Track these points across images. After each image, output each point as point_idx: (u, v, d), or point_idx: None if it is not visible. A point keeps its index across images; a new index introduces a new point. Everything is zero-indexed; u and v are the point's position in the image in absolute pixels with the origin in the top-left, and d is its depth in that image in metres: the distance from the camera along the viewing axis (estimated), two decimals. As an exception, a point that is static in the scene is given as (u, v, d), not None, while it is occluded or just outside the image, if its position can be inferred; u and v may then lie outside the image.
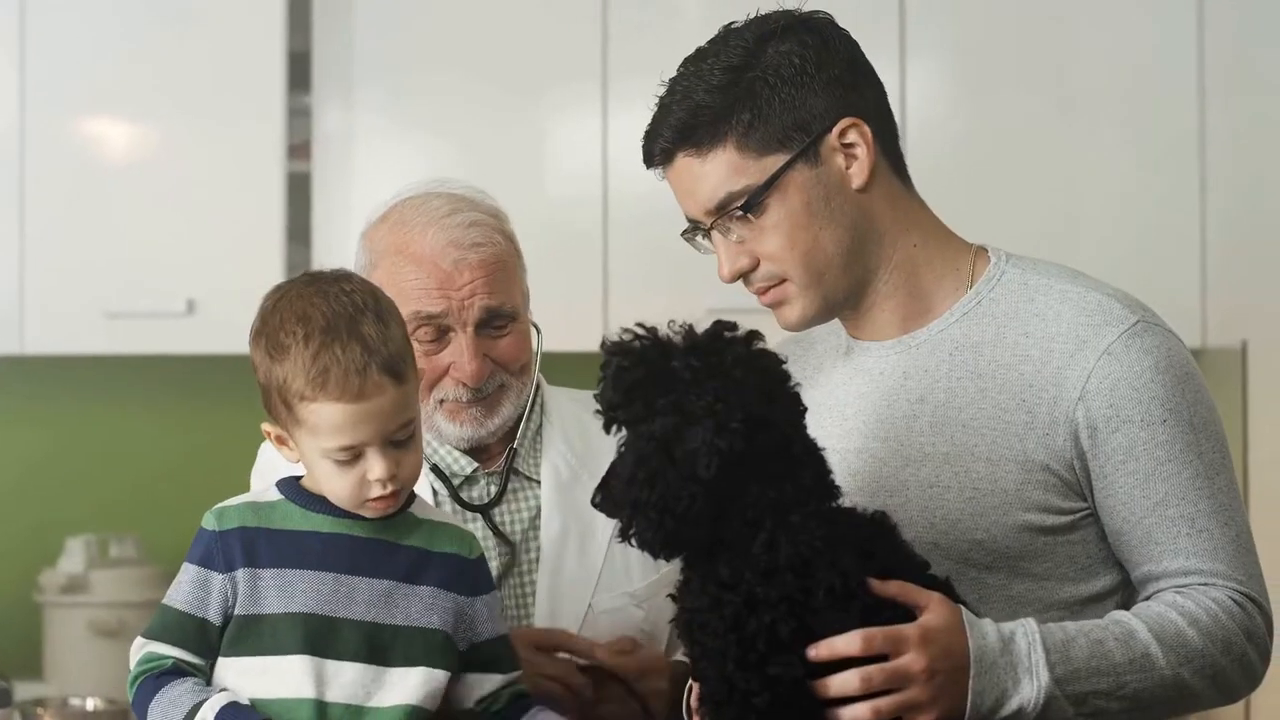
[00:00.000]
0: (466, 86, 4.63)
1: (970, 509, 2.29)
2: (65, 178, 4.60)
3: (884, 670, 2.07)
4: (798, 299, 2.36)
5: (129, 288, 4.55)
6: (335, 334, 2.23)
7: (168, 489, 4.73)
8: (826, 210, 2.33)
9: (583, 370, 2.95)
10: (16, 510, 4.95)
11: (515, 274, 2.67)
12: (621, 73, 4.55)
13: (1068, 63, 4.56)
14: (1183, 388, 2.27)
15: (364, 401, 2.22)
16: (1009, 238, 2.51)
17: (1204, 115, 4.48)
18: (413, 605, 2.29)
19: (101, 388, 5.01)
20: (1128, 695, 2.19)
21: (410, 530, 2.33)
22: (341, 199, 4.57)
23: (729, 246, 2.35)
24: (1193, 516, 2.25)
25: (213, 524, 2.28)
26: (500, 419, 2.64)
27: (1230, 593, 2.25)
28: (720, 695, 2.07)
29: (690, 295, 4.36)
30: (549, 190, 4.63)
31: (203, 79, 4.59)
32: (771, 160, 2.31)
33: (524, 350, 2.66)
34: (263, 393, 2.29)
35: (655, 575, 2.65)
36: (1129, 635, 2.21)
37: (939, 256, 2.40)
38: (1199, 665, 2.22)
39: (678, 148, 2.33)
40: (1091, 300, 2.32)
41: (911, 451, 2.34)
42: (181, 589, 2.27)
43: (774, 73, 2.31)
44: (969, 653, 2.11)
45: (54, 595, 4.71)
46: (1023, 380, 2.30)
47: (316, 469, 2.27)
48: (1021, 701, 2.13)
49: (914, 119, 4.46)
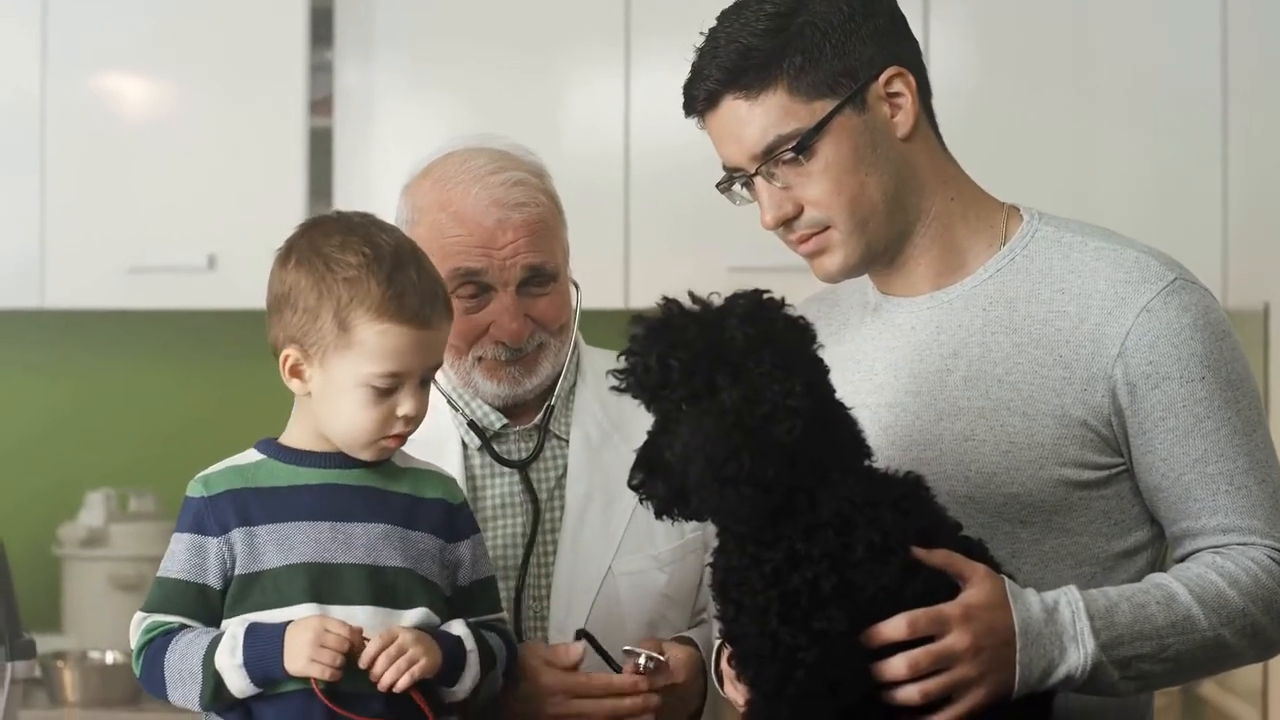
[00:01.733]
0: (488, 43, 4.63)
1: (1005, 463, 2.29)
2: (87, 134, 4.61)
3: (929, 653, 2.08)
4: (840, 247, 2.35)
5: (150, 243, 4.56)
6: (406, 262, 2.28)
7: (187, 443, 4.72)
8: (873, 157, 2.33)
9: (604, 327, 2.95)
10: (37, 464, 4.97)
11: (557, 233, 2.66)
12: (644, 31, 4.53)
13: (1090, 25, 4.55)
14: (1220, 345, 2.28)
15: (427, 330, 2.26)
16: (1031, 200, 2.51)
17: (1227, 77, 4.47)
18: (410, 548, 2.30)
19: (122, 342, 5.03)
20: (1170, 657, 2.20)
21: (396, 477, 2.34)
22: (363, 155, 4.58)
23: (773, 193, 2.33)
24: (1231, 473, 2.26)
25: (200, 491, 2.29)
26: (539, 378, 2.65)
27: (1269, 551, 2.26)
28: (765, 651, 2.06)
29: (711, 254, 4.40)
30: (570, 149, 4.62)
31: (224, 35, 4.59)
32: (821, 105, 2.30)
33: (564, 310, 2.66)
34: (296, 314, 2.27)
35: (680, 540, 2.66)
36: (1170, 598, 2.21)
37: (974, 212, 2.41)
38: (1240, 625, 2.23)
39: (726, 90, 2.31)
40: (1128, 257, 2.32)
41: (945, 406, 2.34)
42: (176, 558, 2.28)
43: (823, 18, 2.31)
44: (1014, 626, 2.12)
45: (74, 549, 4.74)
46: (1059, 336, 2.30)
47: (342, 400, 2.27)
48: (1069, 669, 2.14)
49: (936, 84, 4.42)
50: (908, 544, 2.10)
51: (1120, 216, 4.12)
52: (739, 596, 2.10)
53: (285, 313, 2.28)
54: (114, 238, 4.57)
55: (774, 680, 2.06)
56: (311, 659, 2.17)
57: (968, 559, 2.14)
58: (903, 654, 2.07)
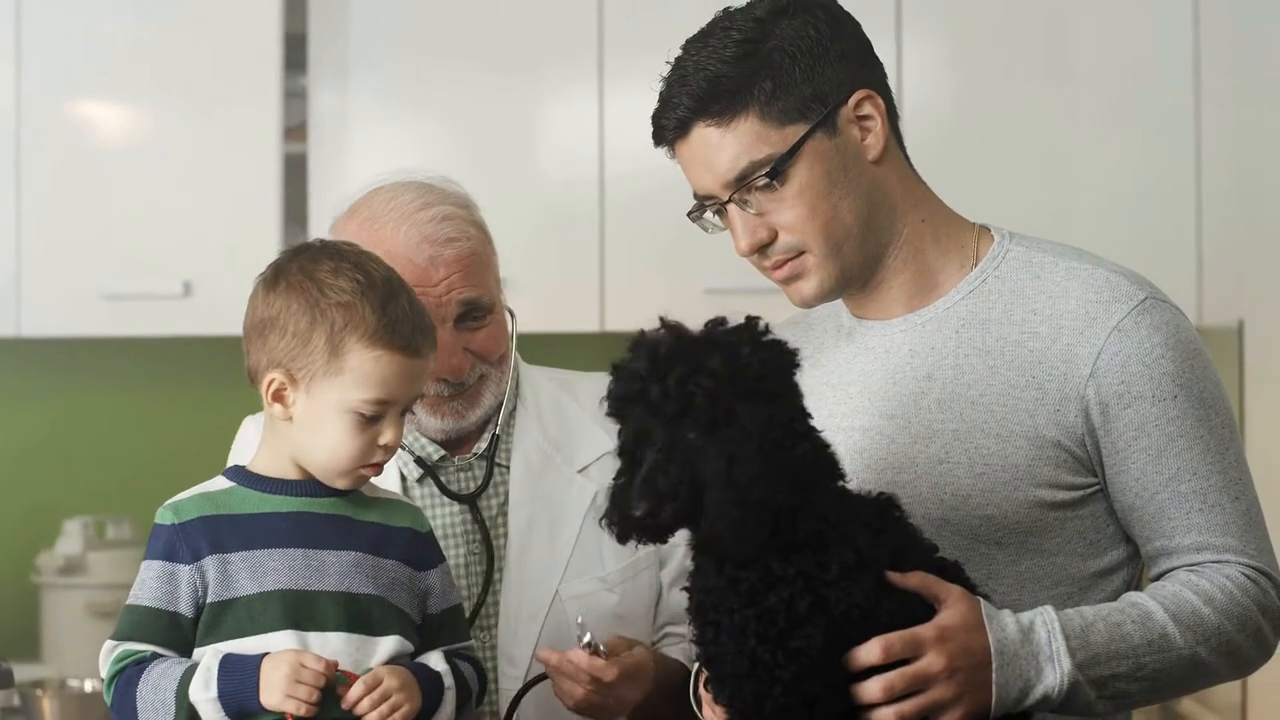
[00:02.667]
0: (462, 68, 4.63)
1: (980, 485, 2.30)
2: (61, 160, 4.60)
3: (904, 675, 2.08)
4: (815, 271, 2.35)
5: (125, 270, 4.56)
6: (398, 291, 2.29)
7: (165, 470, 4.69)
8: (845, 180, 2.33)
9: (578, 350, 2.97)
10: (14, 492, 4.96)
11: (489, 263, 2.65)
12: (617, 54, 4.54)
13: (1063, 42, 4.57)
14: (1191, 363, 2.29)
15: (416, 359, 2.27)
16: (1006, 217, 2.51)
17: (1200, 94, 4.49)
18: (382, 577, 2.29)
19: (98, 370, 5.02)
20: (1147, 676, 2.21)
21: (366, 506, 2.33)
22: (338, 180, 4.57)
23: (746, 219, 2.33)
24: (1204, 492, 2.27)
25: (170, 518, 2.27)
26: (481, 410, 2.64)
27: (1243, 569, 2.26)
28: (742, 670, 2.06)
29: (687, 276, 4.41)
30: (545, 172, 4.64)
31: (199, 61, 4.59)
32: (792, 130, 2.30)
33: (502, 339, 2.65)
34: (285, 338, 2.26)
35: (630, 558, 2.64)
36: (1146, 617, 2.22)
37: (945, 233, 2.41)
38: (1216, 643, 2.24)
39: (697, 118, 2.31)
40: (1099, 277, 2.32)
41: (919, 429, 2.35)
42: (147, 586, 2.26)
43: (792, 44, 2.31)
44: (990, 647, 2.12)
45: (51, 577, 4.73)
46: (1031, 357, 2.31)
47: (326, 426, 2.26)
48: (1046, 689, 2.14)
49: (910, 101, 4.45)
50: (882, 562, 2.10)
51: (1095, 233, 4.14)
52: (717, 618, 2.09)
53: (271, 337, 2.27)
54: (89, 265, 4.56)
55: (751, 698, 2.06)
56: (288, 695, 2.16)
57: (943, 581, 2.14)
58: (878, 677, 2.07)
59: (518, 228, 4.56)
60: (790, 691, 2.05)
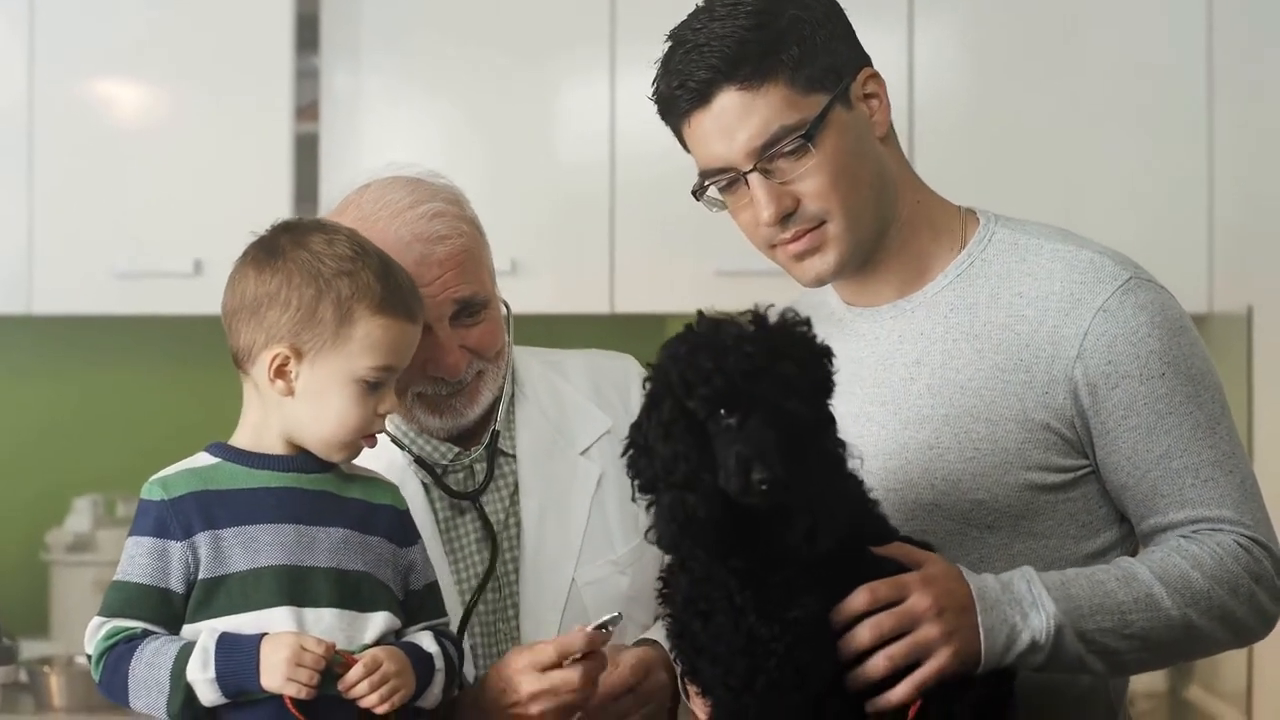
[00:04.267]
0: (474, 48, 4.63)
1: (970, 469, 2.31)
2: (73, 139, 4.61)
3: (892, 614, 2.11)
4: (834, 244, 2.35)
5: (137, 248, 4.57)
6: (389, 259, 2.33)
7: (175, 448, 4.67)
8: (861, 152, 2.34)
9: (589, 331, 2.97)
10: (24, 470, 4.97)
11: (482, 259, 2.60)
12: (630, 36, 4.55)
13: (1075, 30, 4.55)
14: (1178, 341, 2.29)
15: (416, 325, 2.32)
16: (1017, 204, 2.52)
17: (1212, 83, 4.48)
18: (369, 553, 2.29)
19: (109, 348, 5.03)
20: (1136, 635, 2.21)
21: (347, 484, 2.33)
22: (349, 160, 4.57)
23: (770, 188, 2.32)
24: (1197, 467, 2.27)
25: (159, 494, 2.26)
26: (481, 406, 2.60)
27: (1236, 536, 2.26)
28: (738, 646, 2.08)
29: (698, 259, 4.41)
30: (557, 154, 4.64)
31: (211, 40, 4.59)
32: (816, 99, 2.31)
33: (499, 334, 2.61)
34: (288, 311, 2.26)
35: (637, 539, 2.60)
36: (1130, 576, 2.23)
37: (936, 215, 2.43)
38: (1205, 607, 2.24)
39: (725, 82, 2.30)
40: (1083, 258, 2.33)
41: (909, 414, 2.36)
42: (136, 563, 2.23)
43: (808, 14, 2.32)
44: (972, 594, 2.15)
45: (61, 554, 4.74)
46: (1019, 340, 2.31)
47: (332, 397, 2.27)
48: (1033, 633, 2.16)
49: (921, 88, 4.46)
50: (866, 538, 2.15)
51: (1106, 221, 4.15)
52: (708, 606, 2.11)
53: (270, 313, 2.27)
54: (101, 244, 4.57)
55: (743, 674, 2.08)
56: (289, 678, 2.16)
57: (918, 549, 2.19)
58: (867, 620, 2.10)
59: (529, 210, 4.59)
60: (784, 664, 2.07)
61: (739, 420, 2.04)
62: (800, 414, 2.05)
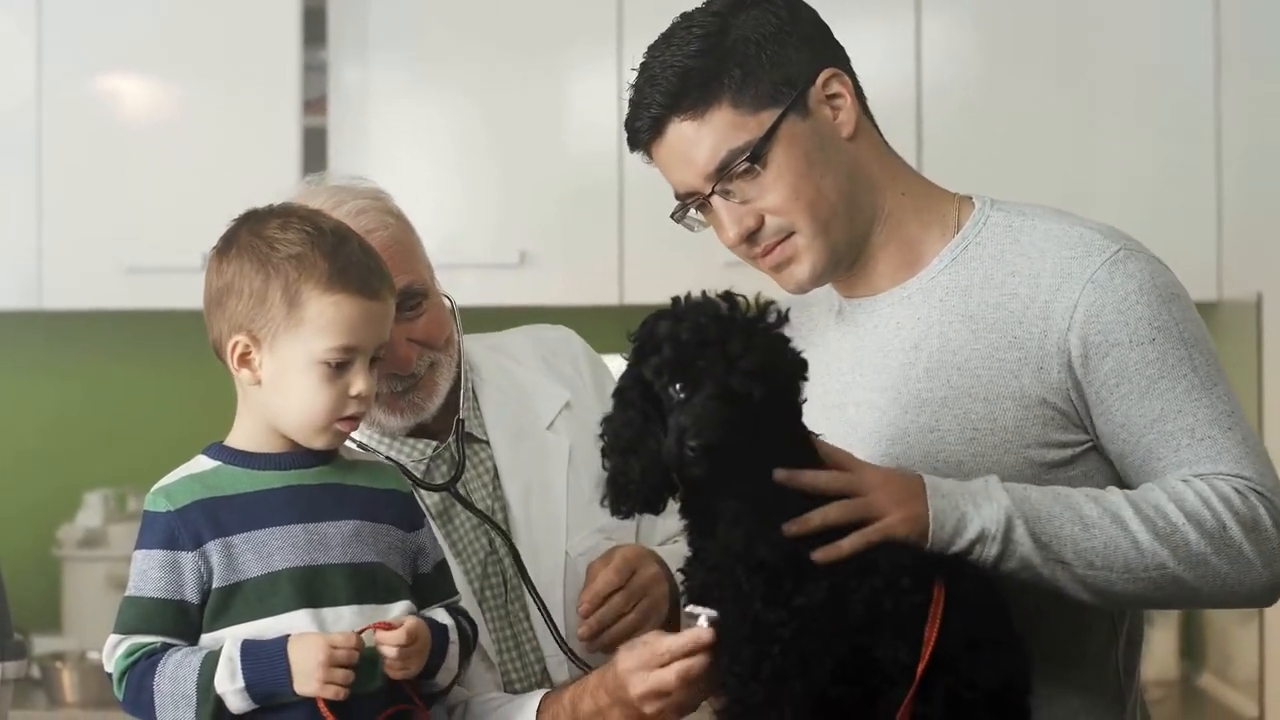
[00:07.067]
0: (482, 42, 4.64)
1: (971, 450, 2.32)
2: (82, 134, 4.62)
3: (836, 479, 2.16)
4: (806, 252, 2.37)
5: (146, 243, 4.57)
6: (348, 237, 2.29)
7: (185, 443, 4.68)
8: (824, 159, 2.35)
9: (598, 323, 2.97)
10: (35, 465, 4.98)
11: (414, 249, 2.60)
12: (638, 30, 4.52)
13: (1084, 18, 4.55)
14: (1169, 307, 2.29)
15: (375, 301, 2.26)
16: (1024, 192, 2.52)
17: (1220, 70, 4.48)
18: (380, 542, 2.29)
19: (119, 342, 5.04)
20: (1097, 552, 2.20)
21: (349, 471, 2.32)
22: (357, 154, 4.58)
23: (732, 209, 2.36)
24: (1192, 428, 2.26)
25: (164, 505, 2.23)
26: (438, 398, 2.60)
27: (1234, 483, 2.23)
28: (743, 633, 2.10)
29: (706, 250, 4.39)
30: (565, 146, 4.64)
31: (218, 35, 4.60)
32: (766, 115, 2.33)
33: (444, 323, 2.61)
34: (242, 300, 2.24)
35: None
36: (1100, 495, 2.24)
37: (925, 205, 2.43)
38: (1176, 543, 2.20)
39: (671, 114, 2.34)
40: (1074, 234, 2.34)
41: (909, 399, 2.37)
42: (149, 577, 2.21)
43: (754, 32, 2.34)
44: (924, 484, 2.19)
45: (72, 549, 4.75)
46: (1012, 318, 2.32)
47: (295, 381, 2.24)
48: (983, 523, 2.17)
49: (929, 78, 4.46)
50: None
51: (1115, 209, 4.12)
52: (719, 594, 2.14)
53: (229, 303, 2.25)
54: (110, 239, 4.58)
55: (749, 661, 2.10)
56: (325, 680, 2.15)
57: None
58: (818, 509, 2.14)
59: (538, 202, 4.60)
60: (789, 650, 2.08)
61: (688, 393, 2.10)
62: (745, 391, 2.09)
